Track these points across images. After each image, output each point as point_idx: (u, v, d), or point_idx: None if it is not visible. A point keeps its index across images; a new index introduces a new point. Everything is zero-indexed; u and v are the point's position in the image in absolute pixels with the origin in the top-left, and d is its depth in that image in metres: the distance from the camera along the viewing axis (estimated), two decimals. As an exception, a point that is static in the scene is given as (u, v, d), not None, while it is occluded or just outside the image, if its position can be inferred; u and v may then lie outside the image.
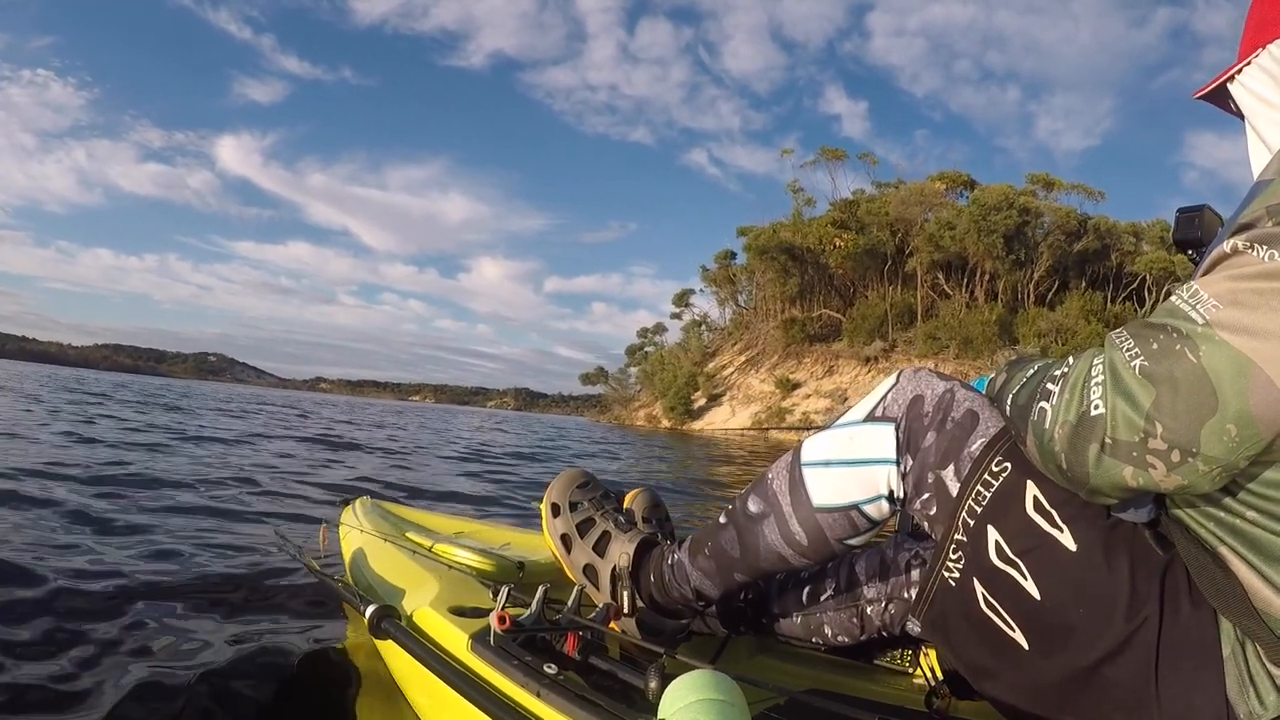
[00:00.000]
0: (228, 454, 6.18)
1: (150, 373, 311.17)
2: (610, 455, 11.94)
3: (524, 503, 4.72)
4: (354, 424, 14.70)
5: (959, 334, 35.13)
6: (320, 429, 11.72)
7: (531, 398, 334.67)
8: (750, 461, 12.08)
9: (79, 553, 2.29)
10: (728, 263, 52.01)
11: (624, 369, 60.10)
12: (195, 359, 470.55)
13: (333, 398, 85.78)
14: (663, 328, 58.61)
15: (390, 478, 5.59)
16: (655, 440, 19.74)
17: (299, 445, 7.93)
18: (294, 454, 6.85)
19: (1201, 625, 0.78)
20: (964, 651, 0.95)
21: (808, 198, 46.49)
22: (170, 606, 1.85)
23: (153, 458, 5.24)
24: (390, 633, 1.21)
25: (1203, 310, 0.67)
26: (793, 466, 1.08)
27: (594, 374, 63.81)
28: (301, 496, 4.19)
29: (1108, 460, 0.70)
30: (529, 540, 1.95)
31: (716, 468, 10.53)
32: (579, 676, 1.09)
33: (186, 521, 3.01)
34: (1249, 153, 0.91)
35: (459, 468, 7.20)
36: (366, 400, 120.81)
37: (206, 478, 4.42)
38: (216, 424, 10.22)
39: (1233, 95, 0.93)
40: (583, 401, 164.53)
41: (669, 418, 43.74)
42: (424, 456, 8.38)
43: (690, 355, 50.99)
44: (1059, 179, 39.98)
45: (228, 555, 2.49)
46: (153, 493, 3.65)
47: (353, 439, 9.94)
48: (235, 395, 35.09)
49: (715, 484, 7.51)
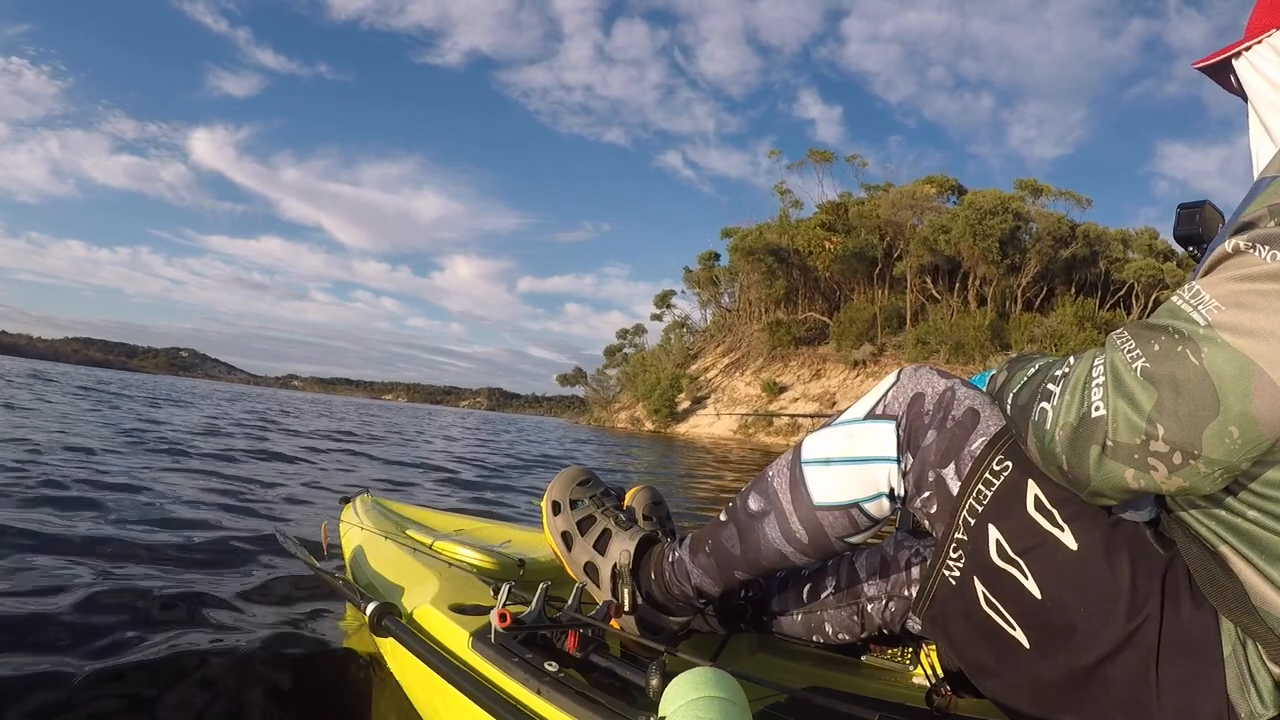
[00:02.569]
0: (225, 451, 6.13)
1: (121, 367, 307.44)
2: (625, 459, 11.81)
3: (525, 501, 4.70)
4: (355, 423, 14.60)
5: (950, 338, 35.11)
6: (317, 426, 11.67)
7: (504, 398, 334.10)
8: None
9: (75, 553, 2.27)
10: (711, 264, 51.91)
11: (602, 370, 59.78)
12: (167, 354, 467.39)
13: (306, 395, 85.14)
14: (642, 329, 58.53)
15: (390, 477, 5.55)
16: (655, 444, 19.56)
17: (298, 443, 7.87)
18: (292, 452, 6.80)
19: (1202, 624, 0.78)
20: (965, 650, 0.95)
21: (795, 199, 46.59)
22: (169, 605, 1.83)
23: (153, 456, 5.18)
24: (391, 630, 1.21)
25: (1205, 312, 0.67)
26: (793, 464, 1.08)
27: (573, 375, 63.53)
28: (301, 494, 4.15)
29: (1109, 462, 0.70)
30: (530, 538, 1.95)
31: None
32: (580, 674, 1.09)
33: (185, 521, 2.99)
34: (1249, 136, 0.90)
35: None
36: (342, 399, 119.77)
37: (204, 475, 4.39)
38: (212, 419, 10.21)
39: (1236, 72, 0.92)
40: (556, 402, 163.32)
41: (652, 420, 43.45)
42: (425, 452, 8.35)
43: (672, 357, 50.74)
44: (1047, 185, 40.19)
45: (227, 554, 2.47)
46: (152, 491, 3.61)
47: (352, 437, 9.91)
48: (215, 391, 34.81)
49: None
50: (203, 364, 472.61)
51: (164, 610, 1.80)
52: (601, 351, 60.21)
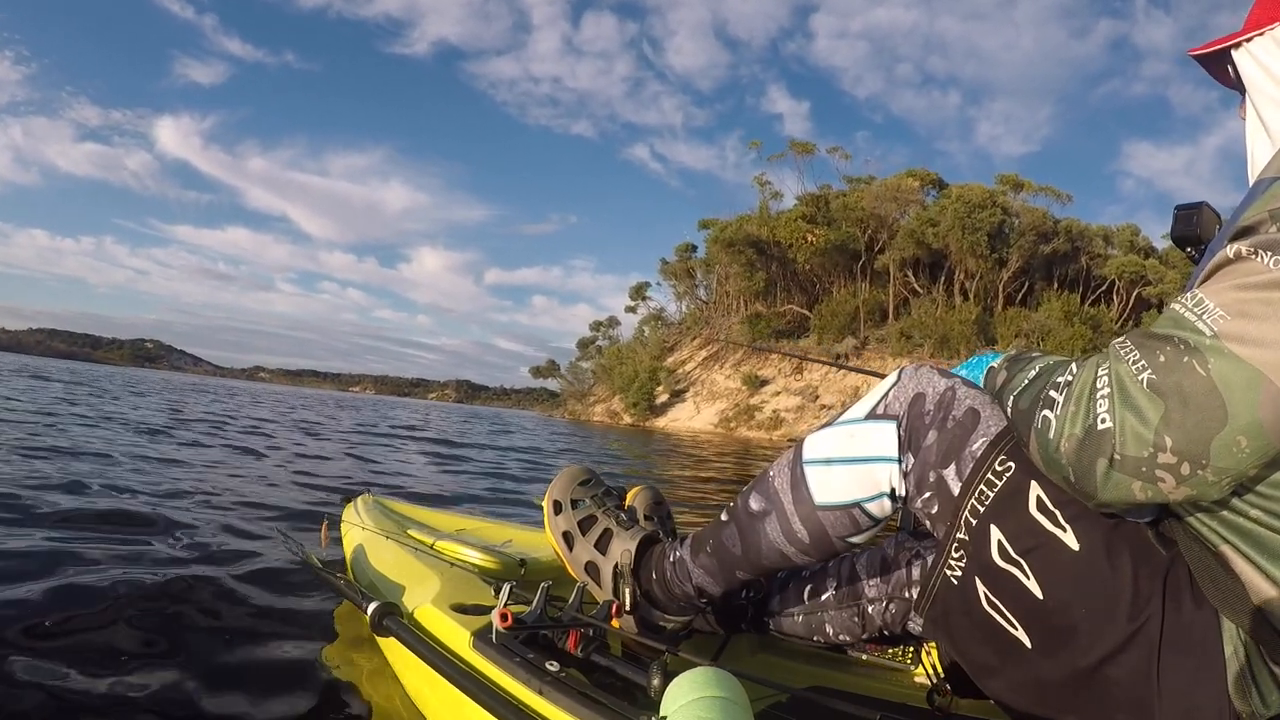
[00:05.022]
0: (222, 448, 6.07)
1: (85, 359, 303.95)
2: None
3: (526, 500, 4.69)
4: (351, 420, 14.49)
5: (935, 333, 35.20)
6: (311, 423, 11.59)
7: (473, 390, 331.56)
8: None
9: (62, 550, 2.24)
10: (688, 256, 51.51)
11: (575, 362, 58.91)
12: (132, 345, 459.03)
13: (274, 388, 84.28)
14: (616, 321, 57.83)
15: (391, 475, 5.52)
16: (654, 442, 19.44)
17: (296, 443, 7.81)
18: (290, 450, 6.74)
19: (1203, 624, 0.78)
20: (967, 650, 0.96)
21: (775, 191, 46.37)
22: (166, 604, 1.82)
23: (149, 454, 5.11)
24: (392, 630, 1.21)
25: (1210, 321, 0.67)
26: (794, 464, 1.08)
27: (545, 367, 62.47)
28: (300, 493, 4.10)
29: (1117, 475, 0.70)
30: (531, 537, 1.95)
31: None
32: (581, 674, 1.10)
33: (185, 518, 2.96)
34: (1245, 130, 0.90)
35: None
36: (311, 390, 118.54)
37: (201, 474, 4.33)
38: (206, 415, 10.10)
39: (1235, 63, 0.92)
40: (525, 395, 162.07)
41: (631, 414, 42.99)
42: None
43: (649, 350, 50.05)
44: (1028, 180, 40.35)
45: (226, 553, 2.44)
46: (151, 491, 3.55)
47: (349, 434, 9.85)
48: (197, 385, 34.43)
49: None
50: (168, 355, 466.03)
51: (161, 609, 1.78)
52: (569, 344, 59.67)
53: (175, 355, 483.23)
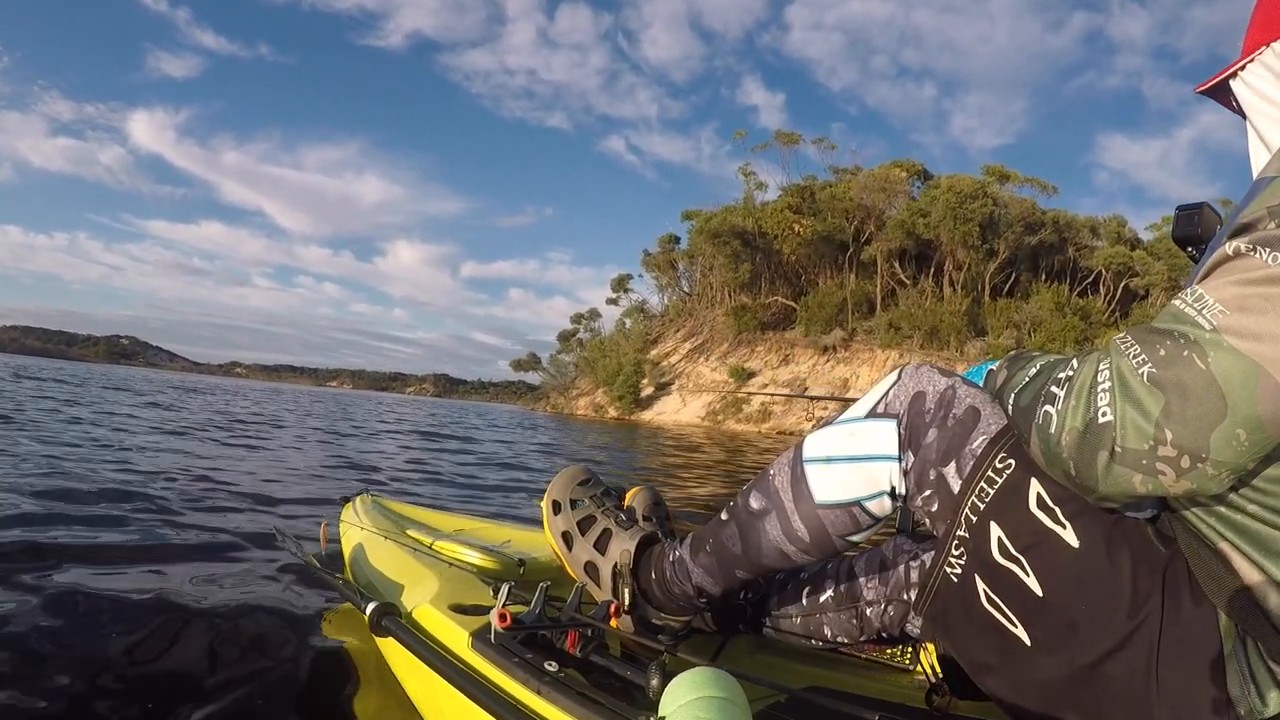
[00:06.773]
0: (220, 447, 6.03)
1: (61, 356, 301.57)
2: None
3: (525, 500, 4.68)
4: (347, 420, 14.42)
5: (924, 324, 35.24)
6: (298, 420, 11.54)
7: (451, 384, 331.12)
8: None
9: (61, 550, 2.23)
10: (671, 248, 51.29)
11: (557, 355, 58.72)
12: (107, 342, 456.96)
13: (251, 384, 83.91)
14: (597, 313, 57.65)
15: (391, 473, 5.50)
16: (658, 437, 19.36)
17: (294, 441, 7.77)
18: (289, 448, 6.71)
19: (1203, 622, 0.79)
20: (966, 648, 0.96)
21: (760, 181, 46.32)
22: (164, 604, 1.80)
23: (145, 453, 5.07)
24: (391, 630, 1.20)
25: (1209, 316, 0.68)
26: (795, 463, 1.08)
27: (526, 360, 62.09)
28: (300, 492, 4.08)
29: (1117, 468, 0.70)
30: (530, 537, 1.94)
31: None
32: (580, 674, 1.09)
33: (183, 517, 2.94)
34: (1249, 152, 0.91)
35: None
36: (288, 386, 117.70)
37: (197, 472, 4.30)
38: (204, 414, 10.06)
39: (1234, 92, 0.94)
40: (504, 388, 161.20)
41: (616, 407, 42.73)
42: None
43: (632, 342, 49.81)
44: (1015, 171, 40.50)
45: (225, 552, 2.43)
46: (147, 487, 3.52)
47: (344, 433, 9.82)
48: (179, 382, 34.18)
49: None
50: (144, 352, 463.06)
51: (158, 609, 1.77)
52: (547, 336, 59.67)
53: (151, 351, 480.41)
